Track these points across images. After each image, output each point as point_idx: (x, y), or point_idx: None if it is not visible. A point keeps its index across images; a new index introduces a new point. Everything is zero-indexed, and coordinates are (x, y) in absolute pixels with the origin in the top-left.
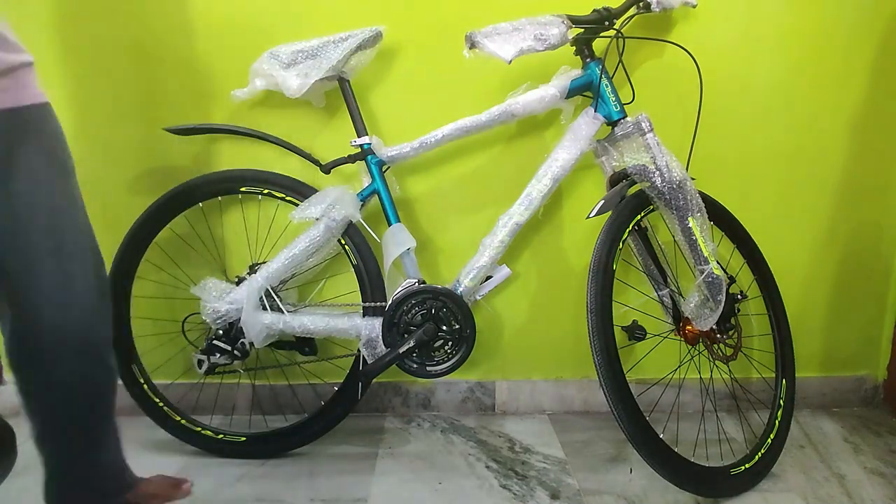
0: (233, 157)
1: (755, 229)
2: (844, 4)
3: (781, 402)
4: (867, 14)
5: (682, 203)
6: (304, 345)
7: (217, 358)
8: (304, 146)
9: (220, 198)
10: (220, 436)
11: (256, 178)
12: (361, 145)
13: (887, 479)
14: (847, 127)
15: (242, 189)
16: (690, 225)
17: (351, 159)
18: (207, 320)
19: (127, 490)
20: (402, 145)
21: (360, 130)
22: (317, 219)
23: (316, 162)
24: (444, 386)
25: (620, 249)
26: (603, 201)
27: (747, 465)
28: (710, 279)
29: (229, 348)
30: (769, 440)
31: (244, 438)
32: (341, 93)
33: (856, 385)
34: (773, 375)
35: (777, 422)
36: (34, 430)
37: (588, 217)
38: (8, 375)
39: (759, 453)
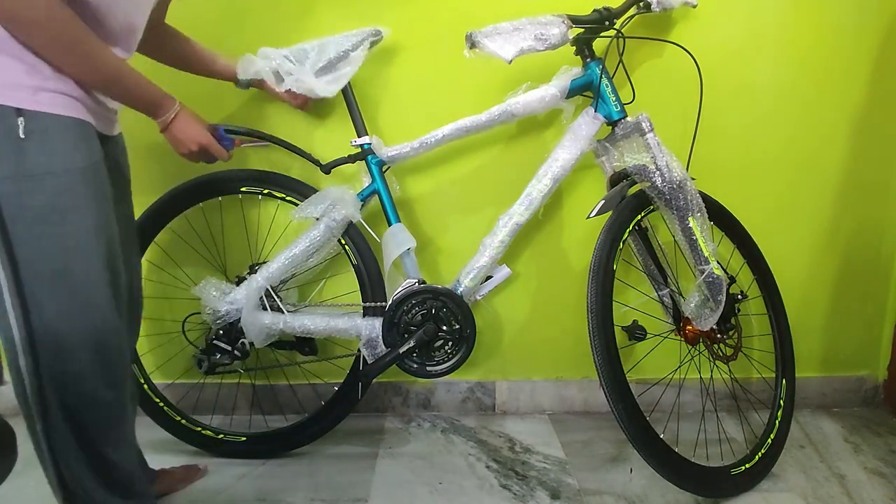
0: (233, 157)
1: (756, 229)
2: (845, 5)
3: (781, 401)
4: (868, 14)
5: (682, 203)
6: (305, 345)
7: (217, 358)
8: (304, 146)
9: (220, 198)
10: (221, 436)
11: (256, 178)
12: (362, 145)
13: (887, 479)
14: (848, 127)
15: (242, 189)
16: (691, 225)
17: (351, 159)
18: (208, 320)
19: (152, 481)
20: (402, 145)
21: (361, 130)
22: (317, 218)
23: (316, 162)
24: (445, 386)
25: (621, 249)
26: (603, 201)
27: (747, 465)
28: (710, 279)
29: (229, 348)
30: (769, 440)
31: (244, 438)
32: (342, 93)
33: (856, 385)
34: (773, 375)
35: (777, 422)
36: None
37: (588, 217)
38: (8, 376)
39: (760, 453)
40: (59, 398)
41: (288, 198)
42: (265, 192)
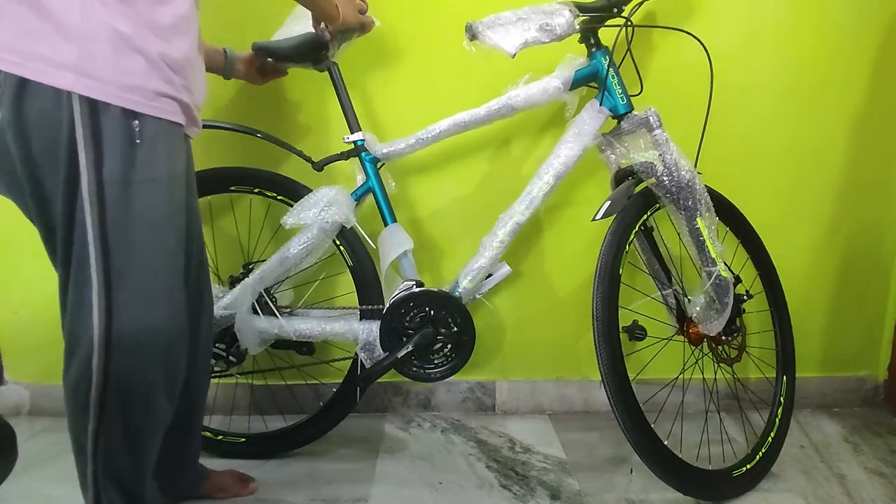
0: (226, 154)
1: (756, 228)
2: (847, 5)
3: (782, 399)
4: (869, 14)
5: (690, 203)
6: (302, 345)
7: (212, 363)
8: (297, 143)
9: (208, 197)
10: (220, 437)
11: (245, 176)
12: (354, 142)
13: (887, 479)
14: (849, 126)
15: (232, 188)
16: (699, 225)
17: (344, 156)
18: None
19: (202, 481)
20: (396, 141)
21: (353, 126)
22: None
23: (308, 159)
24: (445, 386)
25: (626, 252)
26: (609, 202)
27: (748, 466)
28: (717, 281)
29: (224, 354)
30: (769, 438)
31: (244, 439)
32: (332, 83)
33: (856, 385)
34: (774, 374)
35: (777, 420)
36: None
37: (594, 219)
38: (9, 375)
39: (760, 453)
40: (119, 398)
41: (279, 197)
42: (255, 190)
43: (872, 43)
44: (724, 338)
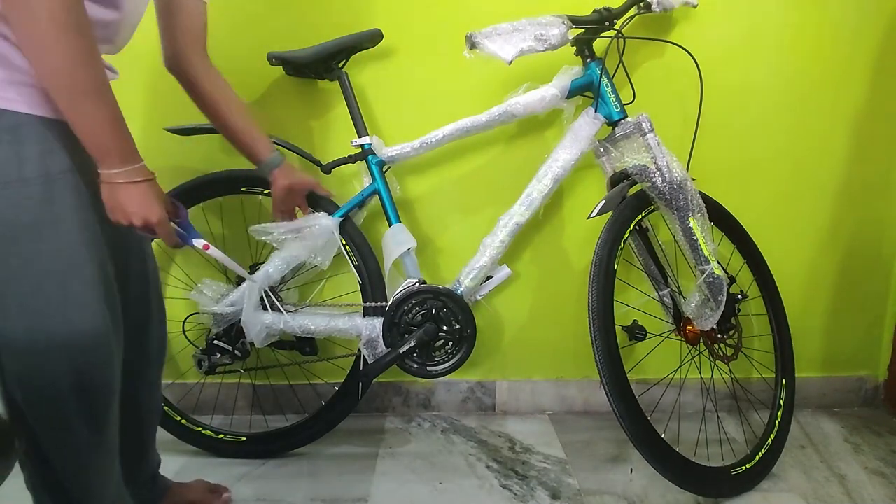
0: (233, 157)
1: (756, 230)
2: (845, 5)
3: (781, 402)
4: (868, 14)
5: (682, 203)
6: (305, 345)
7: (217, 358)
8: (305, 146)
9: (220, 198)
10: (221, 436)
11: (257, 177)
12: (362, 145)
13: (888, 479)
14: (847, 127)
15: (243, 189)
16: (691, 225)
17: (351, 159)
18: (207, 321)
19: (156, 500)
20: (402, 145)
21: (361, 130)
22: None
23: (316, 162)
24: (445, 386)
25: (621, 250)
26: (604, 201)
27: (748, 466)
28: (710, 279)
29: (230, 348)
30: (769, 440)
31: (244, 438)
32: (341, 91)
33: (856, 385)
34: (773, 375)
35: (777, 422)
36: None
37: (589, 217)
38: None
39: (760, 453)
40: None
41: None
42: (266, 192)
43: (872, 43)
44: (719, 335)
